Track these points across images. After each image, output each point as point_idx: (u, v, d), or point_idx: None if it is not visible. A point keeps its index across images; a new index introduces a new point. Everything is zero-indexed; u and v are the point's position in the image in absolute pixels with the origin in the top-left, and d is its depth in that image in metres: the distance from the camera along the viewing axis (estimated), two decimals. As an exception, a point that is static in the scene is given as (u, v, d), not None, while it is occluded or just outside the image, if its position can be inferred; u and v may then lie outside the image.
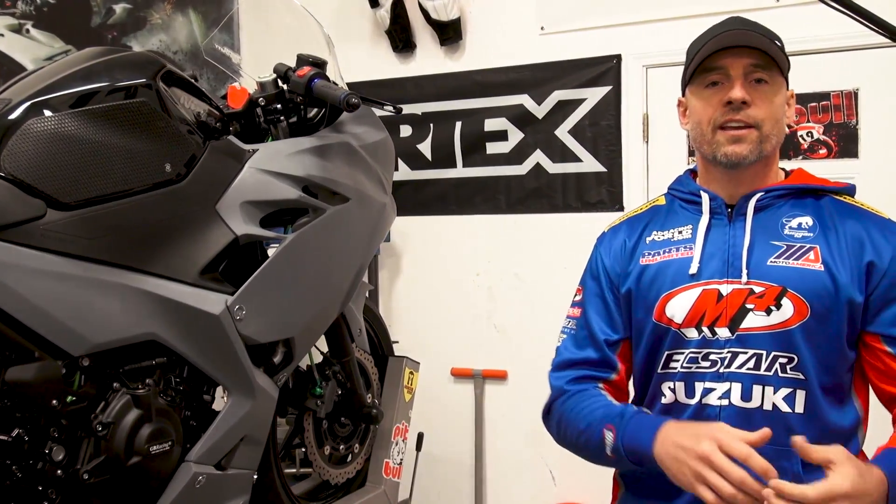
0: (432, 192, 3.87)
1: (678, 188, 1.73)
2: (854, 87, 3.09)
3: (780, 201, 1.61)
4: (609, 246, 1.75)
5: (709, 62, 1.59)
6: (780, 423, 1.49)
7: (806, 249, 1.55)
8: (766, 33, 1.59)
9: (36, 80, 1.64)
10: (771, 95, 1.57)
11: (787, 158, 3.18)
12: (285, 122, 2.03)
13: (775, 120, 1.58)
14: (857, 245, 1.54)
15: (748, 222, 1.59)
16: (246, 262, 1.85)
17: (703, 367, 1.56)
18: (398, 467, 2.58)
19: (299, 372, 2.24)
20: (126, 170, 1.64)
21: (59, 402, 1.54)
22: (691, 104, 1.65)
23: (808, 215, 1.59)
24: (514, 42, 3.66)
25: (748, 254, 1.56)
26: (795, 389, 1.52)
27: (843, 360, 1.55)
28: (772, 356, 1.52)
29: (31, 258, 1.50)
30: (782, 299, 1.52)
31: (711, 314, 1.56)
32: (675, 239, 1.65)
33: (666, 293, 1.61)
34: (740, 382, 1.54)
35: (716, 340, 1.56)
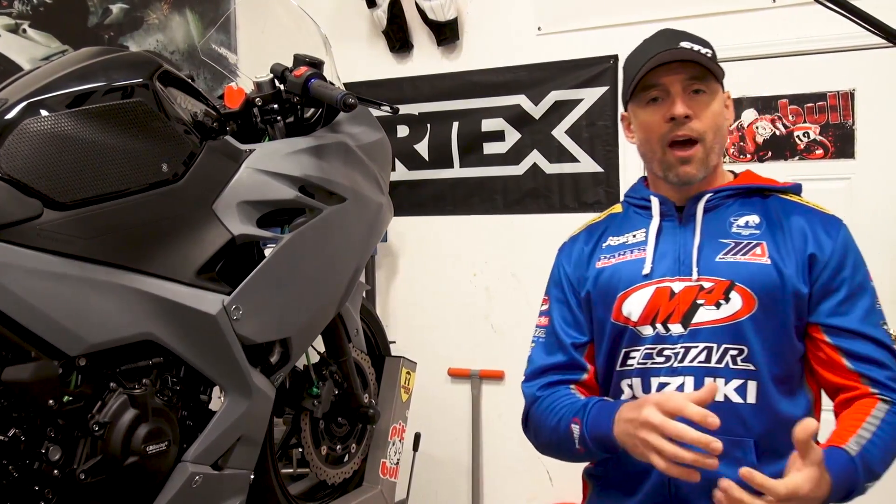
0: (429, 193, 3.87)
1: (632, 195, 1.80)
2: (850, 88, 3.09)
3: (728, 201, 1.68)
4: (569, 254, 1.82)
5: (648, 79, 1.63)
6: (732, 414, 1.54)
7: (753, 245, 1.61)
8: (698, 43, 1.65)
9: (32, 79, 1.64)
10: (710, 105, 1.63)
11: (784, 159, 3.19)
12: (282, 122, 2.03)
13: (717, 128, 1.64)
14: (801, 239, 1.60)
15: (698, 222, 1.66)
16: (243, 263, 1.85)
17: (658, 363, 1.61)
18: (395, 467, 2.58)
19: (296, 372, 2.24)
20: (123, 170, 1.64)
21: (56, 402, 1.54)
22: (636, 120, 1.71)
23: (755, 214, 1.65)
24: (511, 42, 3.66)
25: (698, 252, 1.62)
26: (746, 381, 1.56)
27: (792, 351, 1.59)
28: (722, 349, 1.57)
29: (28, 258, 1.50)
30: (731, 293, 1.58)
31: (665, 311, 1.61)
32: (630, 242, 1.71)
33: (622, 293, 1.66)
34: (693, 376, 1.57)
35: (669, 336, 1.60)
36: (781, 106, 3.19)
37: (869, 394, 1.54)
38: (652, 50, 1.64)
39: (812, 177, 3.16)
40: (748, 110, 3.25)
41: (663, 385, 1.59)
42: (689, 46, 1.62)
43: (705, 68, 1.62)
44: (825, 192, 3.13)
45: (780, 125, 3.20)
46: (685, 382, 1.57)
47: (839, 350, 1.57)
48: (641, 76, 1.63)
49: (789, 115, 3.18)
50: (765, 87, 3.22)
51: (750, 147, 3.24)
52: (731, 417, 1.52)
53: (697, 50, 1.62)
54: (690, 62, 1.61)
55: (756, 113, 3.23)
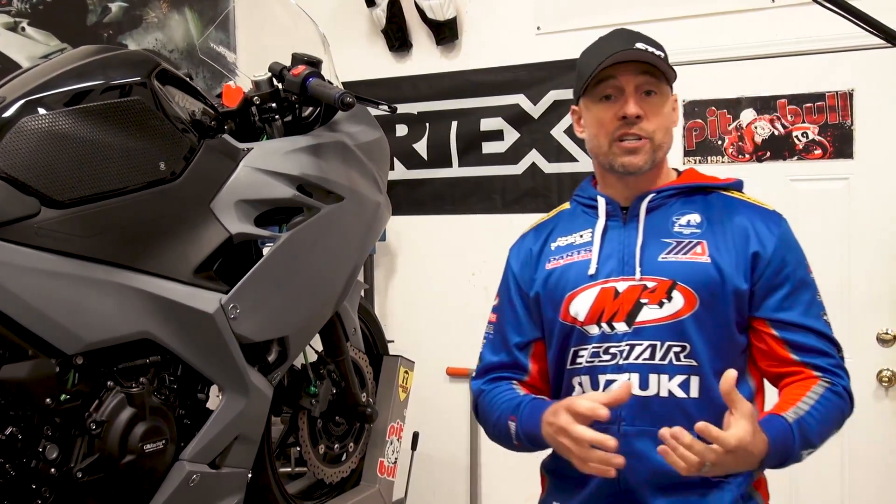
0: (428, 192, 3.87)
1: (580, 194, 1.84)
2: (849, 88, 3.09)
3: (670, 201, 1.72)
4: (517, 254, 1.86)
5: (603, 76, 1.67)
6: (676, 409, 1.60)
7: (693, 244, 1.65)
8: (652, 45, 1.68)
9: (30, 77, 1.64)
10: (661, 107, 1.67)
11: (783, 159, 3.19)
12: (280, 121, 2.03)
13: (665, 129, 1.69)
14: (743, 237, 1.65)
15: (640, 223, 1.70)
16: (240, 261, 1.85)
17: (605, 361, 1.66)
18: (393, 466, 2.58)
19: (294, 371, 2.24)
20: (120, 168, 1.64)
21: (53, 401, 1.54)
22: (586, 115, 1.74)
23: (697, 212, 1.69)
24: (510, 42, 3.65)
25: (641, 252, 1.67)
26: (689, 376, 1.61)
27: (734, 346, 1.65)
28: (666, 346, 1.62)
29: (25, 256, 1.50)
30: (673, 292, 1.63)
31: (610, 310, 1.66)
32: (577, 243, 1.75)
33: (569, 293, 1.70)
34: (638, 372, 1.63)
35: (615, 334, 1.65)
36: (780, 106, 3.19)
37: (812, 376, 1.62)
38: (608, 48, 1.67)
39: (811, 177, 3.16)
40: (747, 110, 3.24)
41: (610, 382, 1.64)
42: (644, 48, 1.65)
43: (659, 70, 1.66)
44: (824, 192, 3.15)
45: (779, 125, 3.19)
46: (630, 378, 1.63)
47: (785, 343, 1.63)
48: (597, 73, 1.66)
49: (788, 115, 3.17)
50: (764, 87, 3.22)
51: (748, 147, 3.24)
52: (676, 411, 1.60)
53: (652, 52, 1.65)
54: (645, 63, 1.65)
55: (755, 113, 3.23)
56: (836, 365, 1.64)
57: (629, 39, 1.69)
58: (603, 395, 1.54)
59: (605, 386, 1.65)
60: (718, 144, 3.29)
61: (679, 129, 3.35)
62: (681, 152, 3.35)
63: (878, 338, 3.07)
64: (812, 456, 1.61)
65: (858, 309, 3.09)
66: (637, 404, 1.61)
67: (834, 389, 1.60)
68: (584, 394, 1.59)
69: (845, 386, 1.63)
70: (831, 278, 3.13)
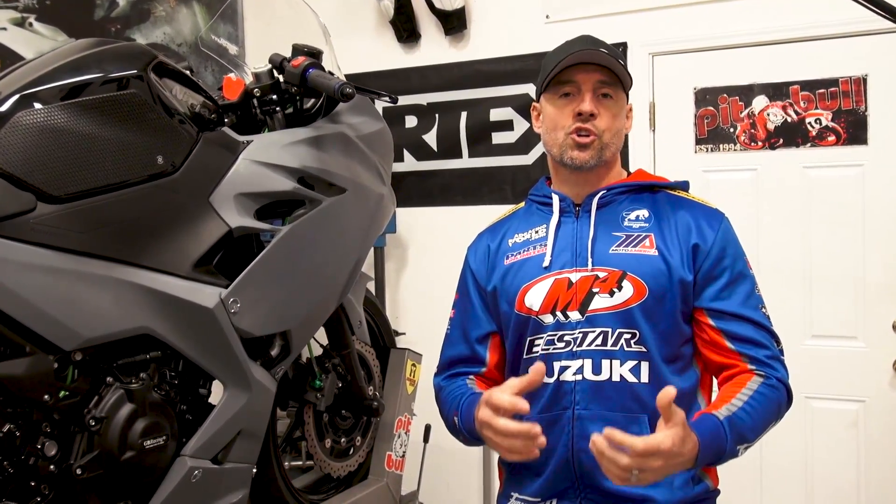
0: (438, 183, 3.85)
1: (535, 193, 1.94)
2: (863, 73, 3.04)
3: (620, 197, 1.83)
4: (475, 252, 1.97)
5: (564, 75, 1.78)
6: (627, 392, 1.71)
7: (642, 238, 1.76)
8: (613, 53, 1.79)
9: (26, 71, 1.63)
10: (614, 110, 1.80)
11: (796, 146, 3.14)
12: (281, 113, 2.01)
13: (616, 131, 1.81)
14: (686, 231, 1.76)
15: (592, 217, 1.80)
16: (241, 255, 1.84)
17: (559, 348, 1.75)
18: (401, 460, 2.56)
19: (299, 364, 2.23)
20: (117, 162, 1.62)
21: (52, 397, 1.53)
22: (545, 110, 1.85)
23: (645, 208, 1.81)
24: (519, 31, 3.63)
25: (592, 244, 1.77)
26: (640, 361, 1.71)
27: (680, 334, 1.75)
28: (617, 333, 1.72)
29: (22, 252, 1.48)
30: (623, 282, 1.72)
31: (564, 300, 1.76)
32: (533, 238, 1.86)
33: (524, 285, 1.80)
34: (591, 358, 1.73)
35: (568, 323, 1.75)
36: (793, 92, 3.14)
37: (747, 370, 1.70)
38: (572, 49, 1.78)
39: (824, 164, 3.12)
40: (759, 97, 3.20)
41: (564, 368, 1.74)
42: (605, 53, 1.77)
43: (616, 76, 1.78)
44: (838, 179, 3.11)
45: (792, 112, 3.15)
46: (584, 365, 1.73)
47: (721, 332, 1.72)
48: (559, 70, 1.77)
49: (801, 102, 3.13)
50: (776, 74, 3.18)
51: (761, 134, 3.20)
52: (627, 395, 1.71)
53: (611, 58, 1.76)
54: (604, 67, 1.77)
55: (767, 99, 3.19)
56: (771, 357, 1.71)
57: (592, 44, 1.80)
58: (517, 381, 1.59)
59: (560, 372, 1.74)
60: (730, 132, 3.25)
61: (690, 117, 3.32)
62: (692, 140, 3.31)
63: (893, 326, 3.03)
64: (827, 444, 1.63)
65: (873, 297, 3.05)
66: (591, 388, 1.72)
67: (769, 383, 1.67)
68: (504, 383, 1.61)
69: (780, 377, 1.70)
70: (846, 266, 3.10)
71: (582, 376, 1.73)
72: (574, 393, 1.73)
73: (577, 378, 1.73)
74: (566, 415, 1.73)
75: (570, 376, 1.74)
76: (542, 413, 1.75)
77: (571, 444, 1.73)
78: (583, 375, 1.73)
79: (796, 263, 3.16)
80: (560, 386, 1.75)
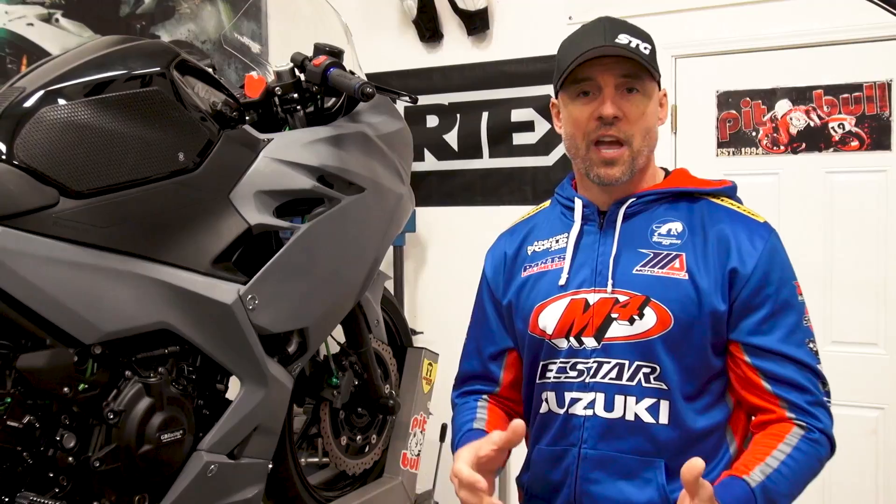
0: (459, 183, 3.85)
1: (560, 193, 1.71)
2: (887, 79, 3.02)
3: (653, 206, 1.58)
4: (492, 258, 1.76)
5: (581, 72, 1.52)
6: (643, 434, 1.49)
7: (672, 257, 1.52)
8: (638, 36, 1.53)
9: (51, 68, 1.65)
10: (643, 105, 1.53)
11: (819, 151, 3.12)
12: (302, 111, 2.03)
13: (646, 131, 1.54)
14: (723, 251, 1.50)
15: (617, 230, 1.57)
16: (260, 252, 1.85)
17: (571, 378, 1.55)
18: (416, 458, 2.57)
19: (316, 362, 2.24)
20: (139, 158, 1.64)
21: (71, 390, 1.55)
22: (564, 112, 1.60)
23: (679, 220, 1.56)
24: (541, 32, 3.62)
25: (615, 262, 1.54)
26: (659, 400, 1.49)
27: (709, 369, 1.51)
28: (634, 366, 1.49)
29: (44, 246, 1.50)
30: (645, 308, 1.49)
31: (579, 324, 1.54)
32: (553, 249, 1.64)
33: (538, 304, 1.60)
34: (604, 392, 1.51)
35: (583, 350, 1.53)
36: (816, 97, 3.12)
37: (785, 418, 1.46)
38: (587, 42, 1.51)
39: (847, 169, 3.10)
40: (782, 101, 3.18)
41: (575, 400, 1.54)
42: (626, 41, 1.50)
43: (642, 66, 1.50)
44: (860, 185, 3.08)
45: (815, 116, 3.13)
46: (596, 399, 1.51)
47: (758, 371, 1.48)
48: (571, 70, 1.51)
49: (824, 106, 3.11)
50: (799, 78, 3.15)
51: (783, 138, 3.18)
52: (642, 437, 1.49)
53: (636, 46, 1.51)
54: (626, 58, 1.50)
55: (790, 104, 3.17)
56: (814, 402, 1.47)
57: (611, 31, 1.53)
58: (497, 437, 1.42)
59: (570, 404, 1.54)
60: (753, 136, 3.24)
61: (712, 120, 3.30)
62: (714, 144, 3.30)
63: (915, 334, 3.00)
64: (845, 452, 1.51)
65: (895, 304, 3.02)
66: (601, 426, 1.51)
67: (810, 437, 1.45)
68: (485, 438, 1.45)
69: (823, 428, 1.47)
70: (867, 272, 3.07)
71: (593, 411, 1.52)
72: (583, 429, 1.53)
73: (587, 413, 1.53)
74: (572, 452, 1.54)
75: (580, 410, 1.54)
76: (550, 446, 1.59)
77: (575, 486, 1.54)
78: (593, 411, 1.52)
79: (817, 268, 3.13)
80: (569, 419, 1.55)
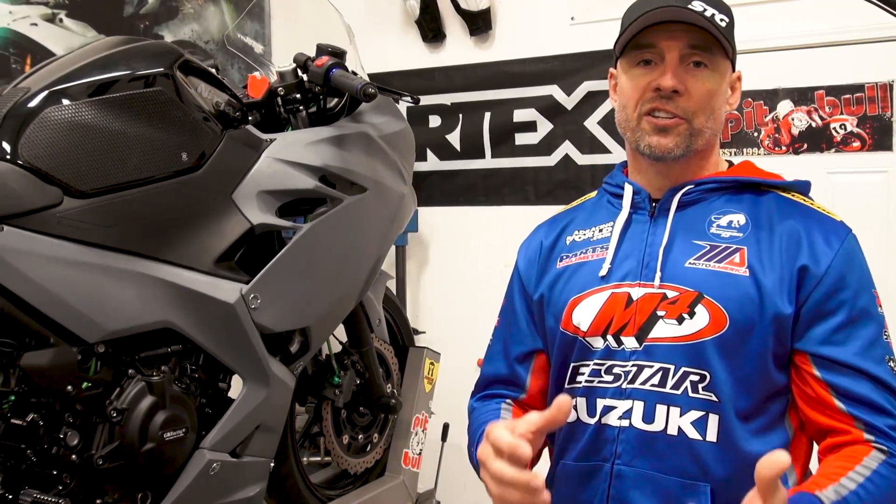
0: (461, 183, 3.86)
1: (608, 181, 1.54)
2: (889, 79, 3.02)
3: (712, 195, 1.40)
4: (526, 249, 1.59)
5: (642, 37, 1.36)
6: (687, 452, 1.30)
7: (732, 251, 1.33)
8: (715, 6, 1.35)
9: (55, 68, 1.66)
10: (710, 83, 1.35)
11: (820, 152, 3.12)
12: (304, 111, 2.03)
13: (711, 111, 1.36)
14: (793, 246, 1.31)
15: (670, 218, 1.38)
16: (262, 252, 1.86)
17: (606, 382, 1.35)
18: (418, 457, 2.58)
19: (318, 361, 2.25)
20: (142, 158, 1.65)
21: (75, 388, 1.56)
22: (620, 81, 1.43)
23: (742, 212, 1.37)
24: (543, 32, 3.62)
25: (665, 254, 1.35)
26: (707, 413, 1.29)
27: (768, 383, 1.31)
28: (681, 372, 1.30)
29: (48, 245, 1.52)
30: (696, 306, 1.31)
31: (619, 321, 1.36)
32: (595, 238, 1.46)
33: (574, 297, 1.41)
34: (643, 401, 1.31)
35: (621, 351, 1.34)
36: (818, 97, 3.12)
37: (862, 440, 1.26)
38: (655, 2, 1.34)
39: (849, 170, 3.10)
40: (784, 101, 3.19)
41: (609, 409, 1.34)
42: (700, 9, 1.33)
43: (713, 38, 1.33)
44: (862, 186, 3.08)
45: (817, 117, 3.13)
46: (633, 408, 1.32)
47: (830, 387, 1.28)
48: (633, 33, 1.35)
49: (826, 107, 3.11)
50: (801, 78, 3.16)
51: (785, 139, 3.18)
52: (685, 456, 1.30)
53: (711, 15, 1.33)
54: (696, 27, 1.32)
55: (792, 104, 3.17)
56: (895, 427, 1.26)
57: None
58: (537, 416, 1.17)
59: (603, 413, 1.35)
60: (754, 136, 3.24)
61: (714, 120, 3.30)
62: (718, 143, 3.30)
63: (916, 334, 3.00)
64: None
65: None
66: (638, 440, 1.32)
67: (892, 462, 1.23)
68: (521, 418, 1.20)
69: None
70: (869, 273, 3.07)
71: (629, 422, 1.33)
72: (617, 443, 1.33)
73: (622, 424, 1.33)
74: (604, 469, 1.34)
75: (614, 420, 1.34)
76: (578, 461, 1.38)
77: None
78: (630, 421, 1.33)
79: (818, 269, 3.13)
80: (601, 430, 1.36)
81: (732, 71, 1.42)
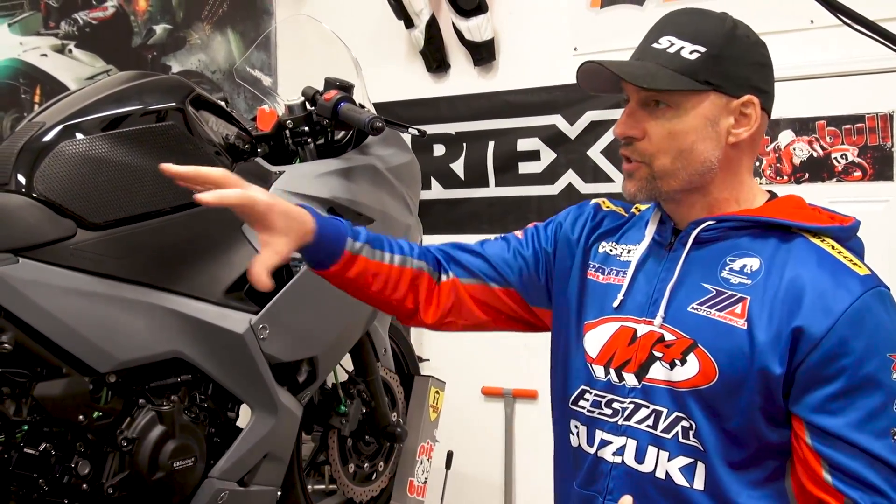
0: (465, 211, 3.88)
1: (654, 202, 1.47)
2: (889, 110, 3.05)
3: (735, 234, 1.30)
4: (577, 210, 1.51)
5: None
6: (672, 496, 1.27)
7: (735, 300, 1.25)
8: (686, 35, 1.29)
9: (69, 103, 1.70)
10: (670, 124, 1.27)
11: (822, 181, 3.15)
12: (313, 144, 2.07)
13: (678, 151, 1.27)
14: (795, 303, 1.21)
15: (683, 256, 1.32)
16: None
17: (605, 415, 1.34)
18: (423, 486, 2.59)
19: (325, 390, 2.26)
20: (154, 191, 1.68)
21: (86, 418, 1.59)
22: None
23: (759, 257, 1.27)
24: (547, 63, 3.66)
25: (672, 293, 1.30)
26: (696, 461, 1.26)
27: (758, 439, 1.24)
28: (673, 416, 1.27)
29: (61, 277, 1.54)
30: (689, 354, 1.26)
31: (621, 356, 1.34)
32: (621, 258, 1.41)
33: (588, 322, 1.40)
34: (636, 440, 1.30)
35: (621, 387, 1.32)
36: (819, 127, 3.16)
37: None
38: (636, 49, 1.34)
39: (850, 199, 3.12)
40: (785, 131, 3.22)
41: (605, 443, 1.33)
42: (665, 45, 1.29)
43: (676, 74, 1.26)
44: (863, 216, 3.07)
45: (818, 147, 3.16)
46: (626, 445, 1.31)
47: (820, 458, 1.19)
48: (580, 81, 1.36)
49: (827, 137, 3.14)
50: (802, 109, 3.19)
51: (787, 168, 3.21)
52: (672, 500, 1.27)
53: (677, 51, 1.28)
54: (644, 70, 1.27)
55: (793, 134, 3.20)
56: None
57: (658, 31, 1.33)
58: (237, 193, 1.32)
59: (600, 446, 1.34)
60: (756, 166, 3.26)
61: (716, 150, 3.33)
62: (718, 173, 3.33)
63: (918, 363, 3.01)
64: None
65: (898, 334, 3.03)
66: (628, 478, 1.31)
67: None
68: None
69: None
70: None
71: (622, 459, 1.31)
72: (609, 478, 1.32)
73: (615, 460, 1.32)
74: (597, 502, 1.34)
75: (609, 455, 1.33)
76: (582, 488, 1.39)
77: None
78: (622, 458, 1.31)
79: (821, 298, 3.15)
80: (598, 462, 1.35)
81: (735, 97, 1.31)
